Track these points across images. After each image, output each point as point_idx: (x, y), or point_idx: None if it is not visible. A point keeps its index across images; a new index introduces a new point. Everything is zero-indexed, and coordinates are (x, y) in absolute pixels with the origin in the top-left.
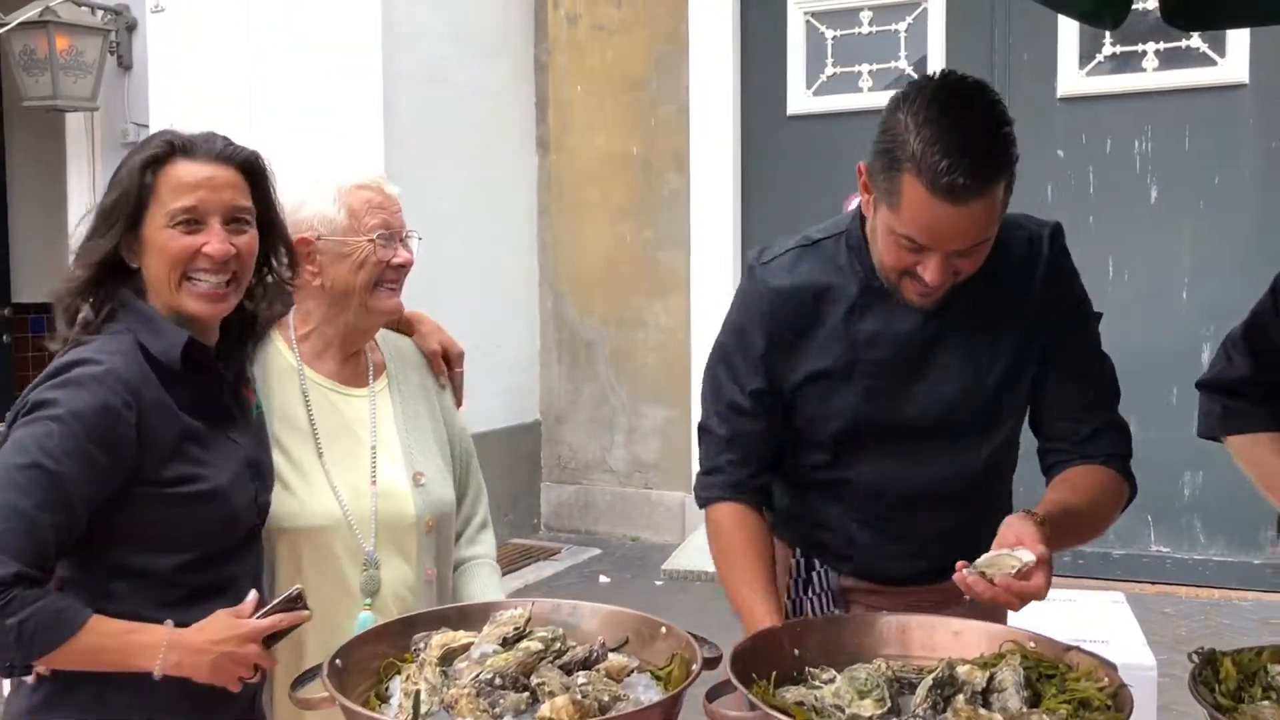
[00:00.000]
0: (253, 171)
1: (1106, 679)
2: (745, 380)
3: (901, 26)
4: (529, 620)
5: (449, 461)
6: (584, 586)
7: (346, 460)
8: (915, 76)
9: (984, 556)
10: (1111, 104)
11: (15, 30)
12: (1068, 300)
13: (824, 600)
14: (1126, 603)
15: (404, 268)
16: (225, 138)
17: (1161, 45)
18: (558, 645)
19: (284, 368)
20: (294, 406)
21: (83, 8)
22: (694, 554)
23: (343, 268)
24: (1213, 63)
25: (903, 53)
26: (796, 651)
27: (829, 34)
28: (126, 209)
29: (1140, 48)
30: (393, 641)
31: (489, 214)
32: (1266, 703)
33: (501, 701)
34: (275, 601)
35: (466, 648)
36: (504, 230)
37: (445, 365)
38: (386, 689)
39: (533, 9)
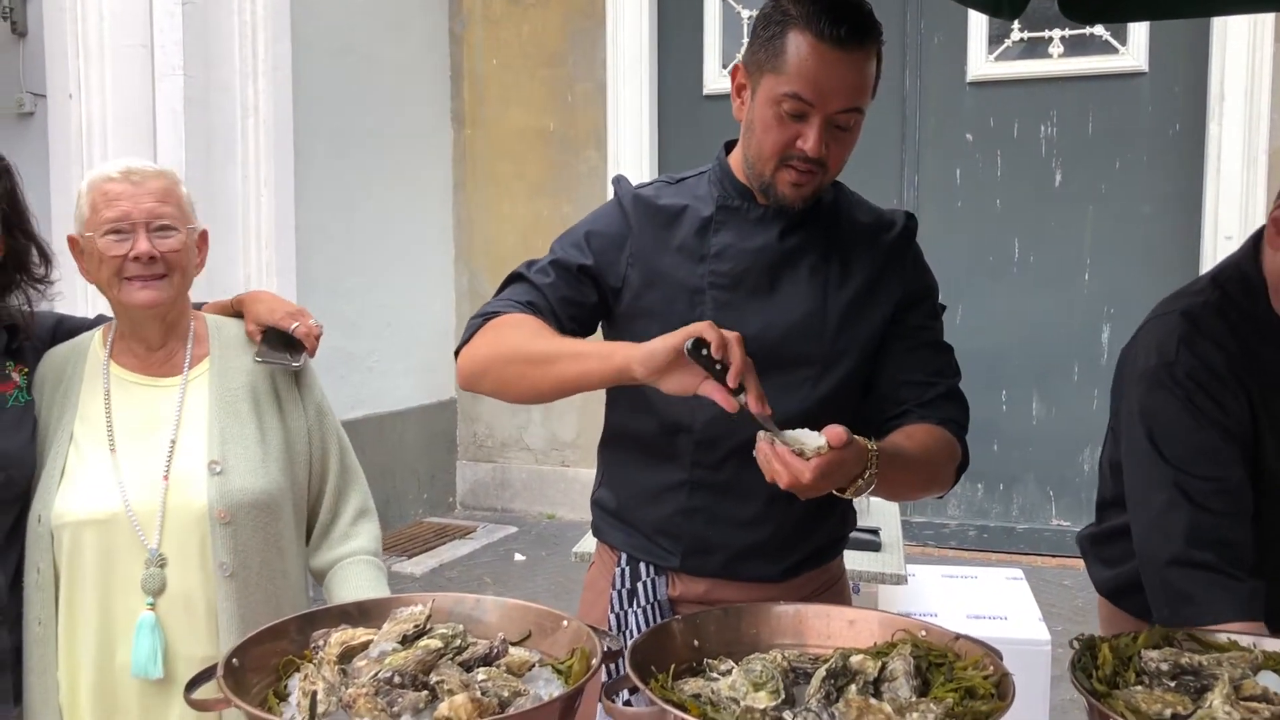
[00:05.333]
0: None
1: (992, 667)
2: (584, 255)
3: None
4: (429, 617)
5: (275, 451)
6: (500, 565)
7: (141, 453)
8: None
9: (789, 431)
10: (1018, 89)
11: None
12: (921, 284)
13: (650, 613)
14: (1025, 578)
15: (153, 260)
16: None
17: (1066, 32)
18: (458, 642)
19: (95, 365)
20: (95, 402)
21: None
22: None
23: (91, 264)
24: (1114, 50)
25: None
26: (696, 642)
27: (744, 13)
28: None
29: (1046, 34)
30: (292, 638)
31: (402, 189)
32: (1139, 688)
33: (400, 700)
34: None
35: (366, 645)
36: (418, 205)
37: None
38: (285, 687)
39: None
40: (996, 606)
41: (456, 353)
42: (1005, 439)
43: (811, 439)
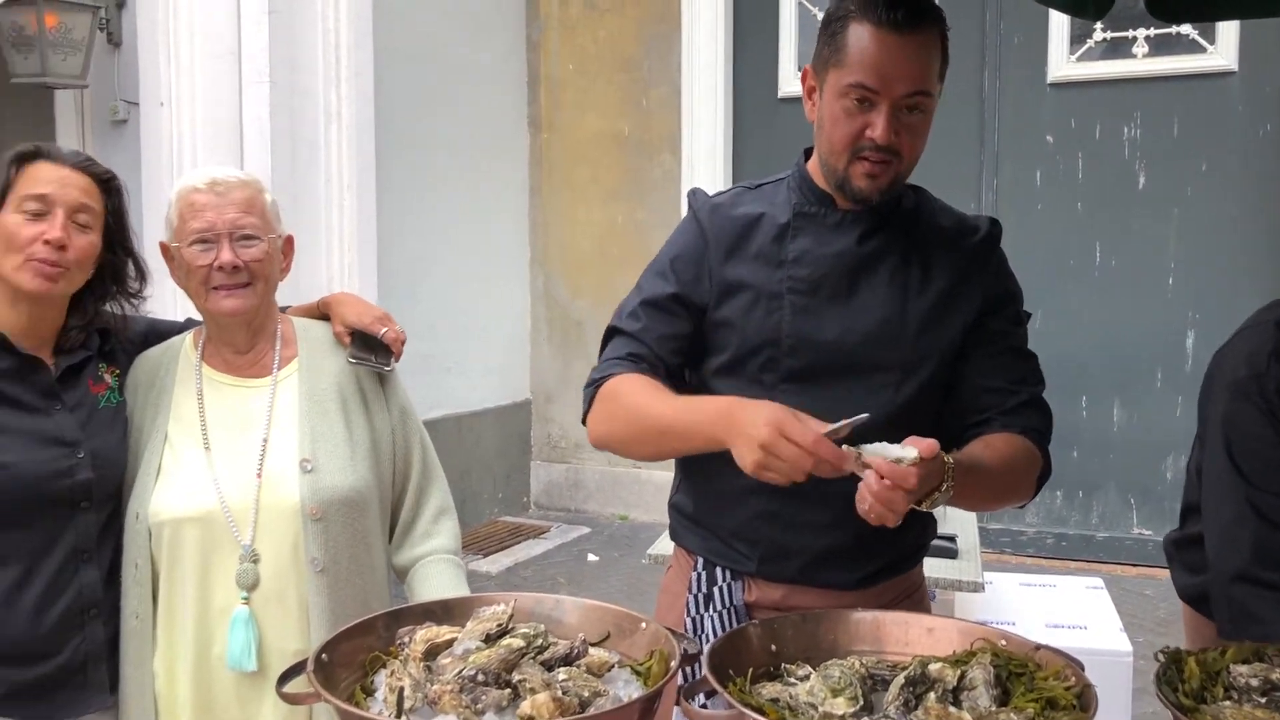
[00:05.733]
0: (108, 188)
1: (1074, 678)
2: (669, 284)
3: None
4: (511, 616)
5: (362, 450)
6: (573, 565)
7: (234, 452)
8: None
9: (870, 445)
10: (1101, 90)
11: (4, 8)
12: (1004, 290)
13: (726, 618)
14: (1105, 588)
15: (236, 269)
16: (89, 156)
17: (1152, 31)
18: (539, 641)
19: (187, 368)
20: (188, 403)
21: None
22: None
23: (180, 272)
24: (1202, 50)
25: None
26: (773, 647)
27: (820, 16)
28: None
29: (1131, 34)
30: (379, 635)
31: (480, 193)
32: (1228, 703)
33: (484, 698)
34: None
35: (450, 643)
36: (495, 209)
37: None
38: (372, 682)
39: None
40: (1076, 616)
41: (584, 420)
42: (1086, 446)
43: (897, 451)
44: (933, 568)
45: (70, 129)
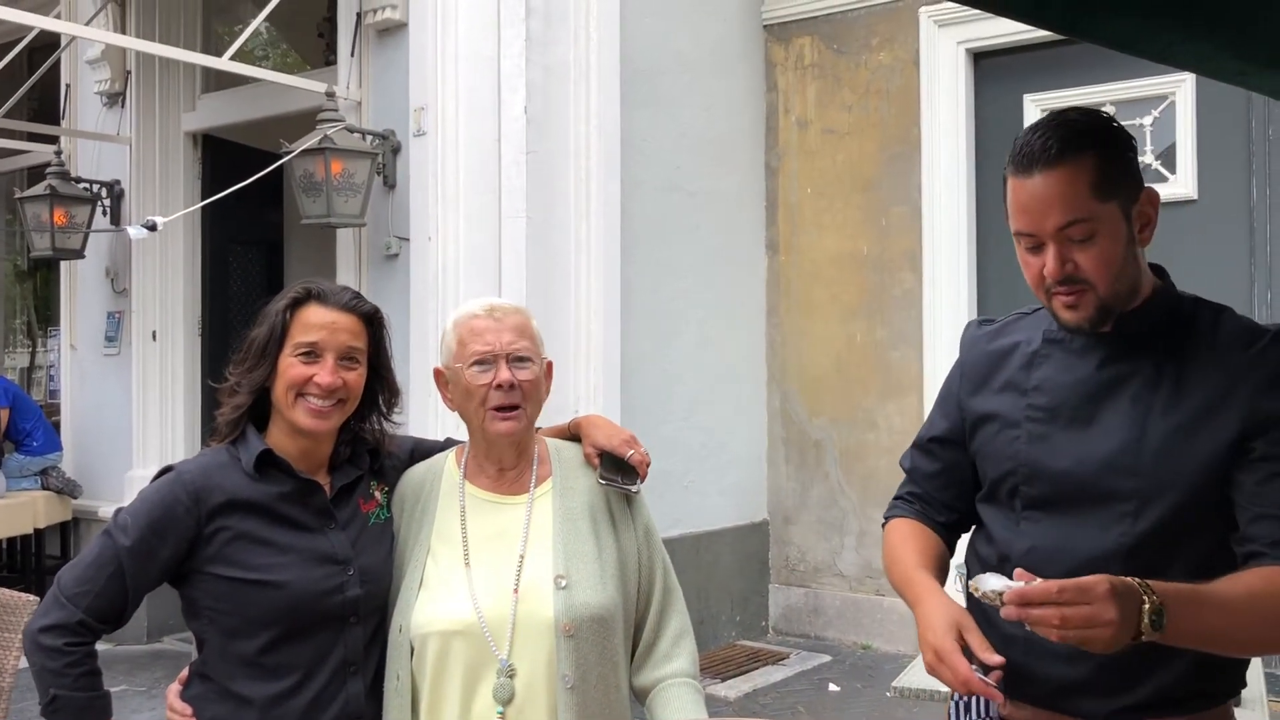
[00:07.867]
0: (372, 322)
1: None
2: (936, 425)
3: (1147, 120)
4: None
5: (610, 568)
6: (813, 694)
7: (493, 568)
8: (1163, 171)
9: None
10: None
11: (297, 157)
12: (1274, 408)
13: None
14: None
15: (512, 388)
16: (355, 292)
17: None
18: None
19: (451, 485)
20: (451, 519)
21: (355, 135)
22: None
23: (457, 395)
24: None
25: (1149, 146)
26: None
27: None
28: (274, 342)
29: None
30: None
31: (719, 314)
32: None
33: None
34: None
35: None
36: (733, 330)
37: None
38: None
39: (764, 116)
40: None
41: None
42: None
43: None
44: None
45: (349, 262)
